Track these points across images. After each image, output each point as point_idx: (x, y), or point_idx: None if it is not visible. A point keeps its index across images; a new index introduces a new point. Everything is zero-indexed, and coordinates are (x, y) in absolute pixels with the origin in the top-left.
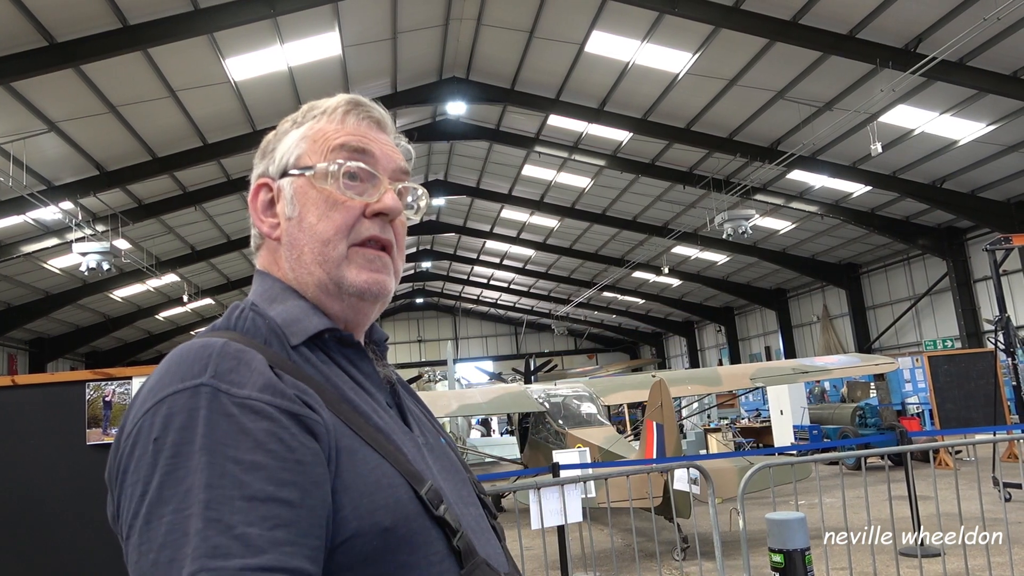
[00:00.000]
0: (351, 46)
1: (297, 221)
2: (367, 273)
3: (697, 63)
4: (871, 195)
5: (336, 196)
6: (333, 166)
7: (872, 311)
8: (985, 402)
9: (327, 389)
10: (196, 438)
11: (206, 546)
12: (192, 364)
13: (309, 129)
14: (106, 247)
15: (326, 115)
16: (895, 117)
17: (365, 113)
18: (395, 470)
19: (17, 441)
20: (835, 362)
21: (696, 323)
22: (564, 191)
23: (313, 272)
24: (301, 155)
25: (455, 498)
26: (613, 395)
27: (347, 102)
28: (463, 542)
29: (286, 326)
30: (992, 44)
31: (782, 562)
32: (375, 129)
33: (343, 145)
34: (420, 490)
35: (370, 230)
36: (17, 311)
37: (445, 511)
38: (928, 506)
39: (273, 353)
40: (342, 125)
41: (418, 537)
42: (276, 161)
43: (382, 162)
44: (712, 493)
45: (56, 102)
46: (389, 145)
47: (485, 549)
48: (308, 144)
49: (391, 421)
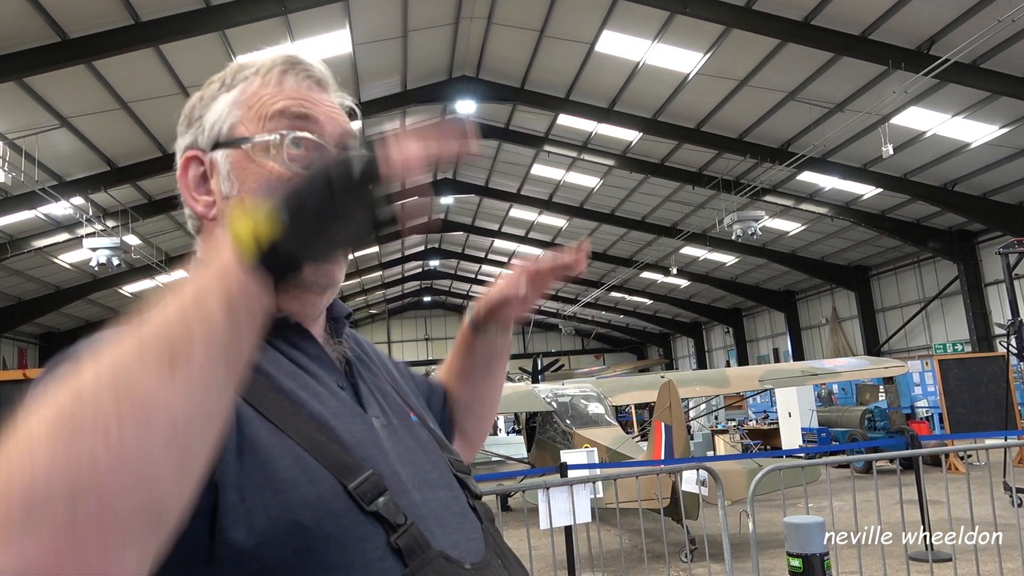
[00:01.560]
0: (361, 44)
1: (237, 200)
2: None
3: (708, 63)
4: (882, 197)
5: (278, 171)
6: (274, 136)
7: (882, 314)
8: (996, 406)
9: (255, 380)
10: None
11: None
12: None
13: (242, 93)
14: (116, 243)
15: (259, 75)
16: (907, 119)
17: (304, 72)
18: (319, 464)
19: None
20: (844, 365)
21: (704, 324)
22: (573, 191)
23: None
24: (235, 124)
25: (418, 482)
26: (620, 395)
27: (284, 60)
28: (407, 537)
29: None
30: (1006, 46)
31: (800, 567)
32: (316, 89)
33: (283, 111)
34: (350, 484)
35: None
36: (27, 306)
37: (384, 504)
38: (939, 510)
39: None
40: (280, 87)
41: (349, 534)
42: (206, 130)
43: (327, 127)
44: (721, 495)
45: (68, 98)
46: (333, 107)
47: (452, 538)
48: (242, 111)
49: (338, 404)
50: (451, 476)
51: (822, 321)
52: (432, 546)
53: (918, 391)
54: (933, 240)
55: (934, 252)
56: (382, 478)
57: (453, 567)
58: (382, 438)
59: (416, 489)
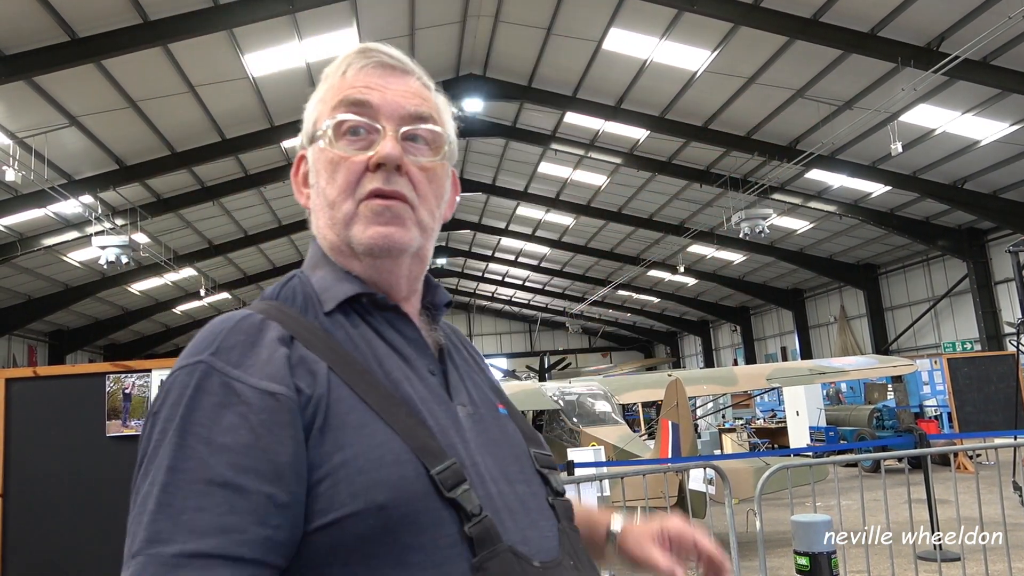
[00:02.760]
0: (369, 42)
1: (316, 188)
2: (373, 227)
3: (715, 61)
4: (890, 195)
5: (337, 155)
6: (327, 124)
7: (890, 312)
8: (1006, 405)
9: (352, 359)
10: (177, 417)
11: (152, 530)
12: (204, 339)
13: (322, 91)
14: (125, 241)
15: (335, 72)
16: (916, 116)
17: (370, 59)
18: (406, 446)
19: (37, 432)
20: (852, 363)
21: (711, 322)
22: (580, 189)
23: (327, 236)
24: (315, 120)
25: (497, 475)
26: (628, 394)
27: (352, 54)
28: (479, 528)
29: (321, 292)
30: (1016, 43)
31: (807, 565)
32: (382, 74)
33: (342, 100)
34: (432, 469)
35: (373, 183)
36: (37, 303)
37: (462, 493)
38: (947, 510)
39: (302, 322)
40: (344, 79)
41: (424, 518)
42: (304, 131)
43: (383, 109)
44: (728, 493)
45: (77, 97)
46: (399, 89)
47: (523, 533)
48: (320, 107)
49: (425, 390)
50: (532, 471)
51: (830, 320)
52: (503, 539)
53: (927, 390)
54: (942, 238)
55: (943, 250)
56: (462, 467)
57: (521, 563)
58: (465, 427)
59: (493, 481)
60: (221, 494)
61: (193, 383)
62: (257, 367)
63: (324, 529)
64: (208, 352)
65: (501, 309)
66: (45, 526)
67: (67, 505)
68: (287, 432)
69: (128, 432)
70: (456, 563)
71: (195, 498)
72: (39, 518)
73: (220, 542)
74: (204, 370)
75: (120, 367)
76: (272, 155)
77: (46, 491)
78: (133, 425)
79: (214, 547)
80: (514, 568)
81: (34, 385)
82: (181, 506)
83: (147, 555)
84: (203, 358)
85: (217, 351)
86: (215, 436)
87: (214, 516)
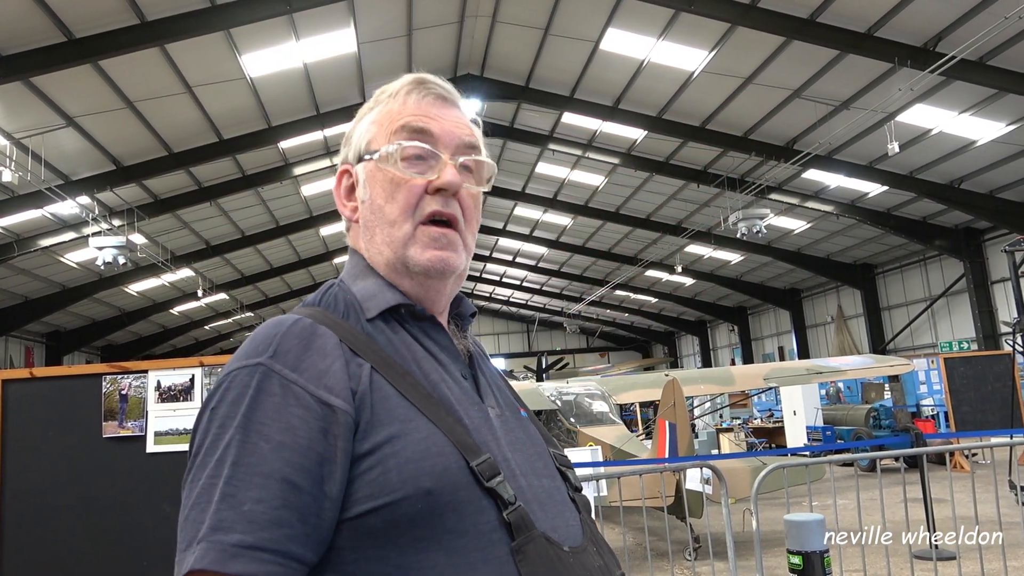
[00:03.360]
0: (366, 43)
1: (369, 204)
2: (431, 251)
3: (713, 61)
4: (887, 195)
5: (398, 177)
6: (393, 147)
7: (887, 312)
8: (1002, 405)
9: (393, 361)
10: (238, 414)
11: (216, 518)
12: (261, 342)
13: (378, 113)
14: (122, 242)
15: (392, 97)
16: (913, 116)
17: (427, 91)
18: (447, 440)
19: (34, 433)
20: (849, 363)
21: (709, 322)
22: (578, 189)
23: (383, 252)
24: (371, 140)
25: (526, 470)
26: (625, 394)
27: (410, 82)
28: (516, 515)
29: (363, 301)
30: (1013, 43)
31: (800, 564)
32: (439, 105)
33: (404, 126)
34: (472, 461)
35: (432, 205)
36: (34, 304)
37: (498, 484)
38: (943, 509)
39: (346, 327)
40: (404, 106)
41: (467, 506)
42: (352, 147)
43: (443, 139)
44: (725, 493)
45: (74, 97)
46: (453, 120)
47: (552, 522)
48: (376, 128)
49: (460, 392)
50: (554, 468)
51: (827, 319)
52: (536, 527)
53: (923, 389)
54: (939, 238)
55: (940, 250)
56: (497, 461)
57: (553, 548)
58: (496, 427)
59: (523, 475)
60: (278, 488)
61: (254, 383)
62: (314, 372)
63: (376, 512)
64: (267, 355)
65: (499, 309)
66: (42, 526)
67: (64, 505)
68: (339, 443)
69: (124, 433)
70: (497, 546)
71: (255, 490)
72: (36, 519)
73: (273, 535)
74: (264, 372)
75: (116, 368)
76: (270, 155)
77: (43, 492)
78: (129, 426)
79: (267, 540)
80: (548, 552)
81: (31, 386)
82: (243, 497)
83: (210, 542)
84: (262, 360)
85: (275, 354)
86: (275, 434)
87: (270, 509)
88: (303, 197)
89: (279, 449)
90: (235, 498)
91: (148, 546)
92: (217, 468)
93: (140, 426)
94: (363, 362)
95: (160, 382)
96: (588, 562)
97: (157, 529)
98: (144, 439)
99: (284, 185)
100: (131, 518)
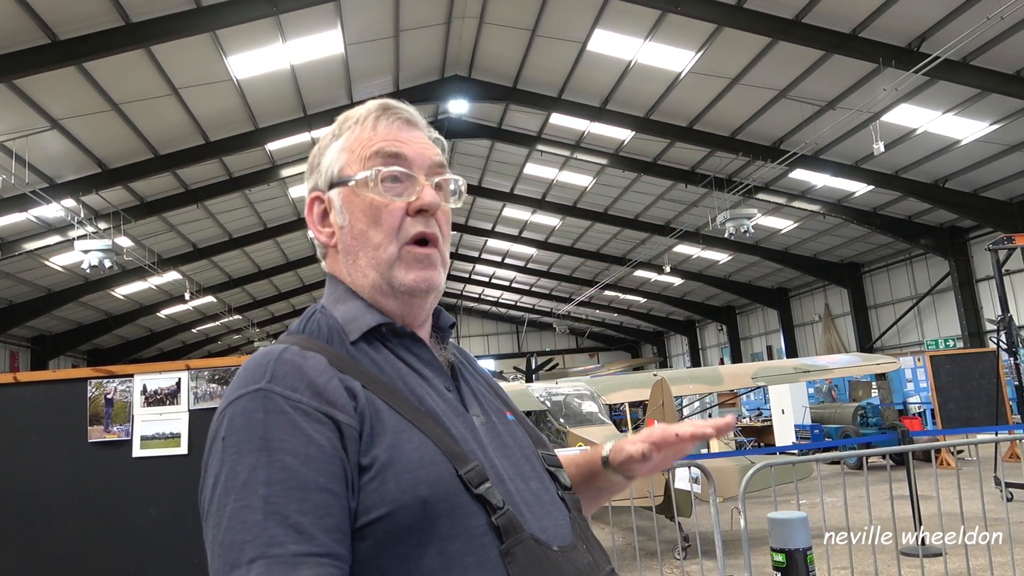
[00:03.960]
0: (353, 44)
1: (349, 229)
2: (415, 272)
3: (699, 62)
4: (873, 194)
5: (379, 201)
6: (371, 173)
7: (874, 310)
8: (987, 402)
9: (379, 379)
10: (256, 437)
11: (265, 536)
12: (255, 371)
13: (346, 140)
14: (108, 245)
15: (359, 124)
16: (898, 116)
17: (394, 116)
18: (438, 449)
19: (18, 438)
20: (837, 361)
21: (698, 322)
22: (566, 190)
23: (368, 275)
24: (343, 166)
25: (512, 474)
26: (614, 394)
27: (376, 107)
28: (504, 519)
29: (345, 324)
30: (995, 43)
31: (784, 562)
32: (406, 129)
33: (378, 152)
34: (461, 470)
35: (415, 227)
36: (19, 308)
37: (487, 490)
38: (930, 506)
39: (332, 351)
40: (375, 132)
41: (459, 512)
42: (323, 174)
43: (416, 161)
44: (713, 492)
45: (58, 99)
46: (422, 142)
47: (541, 523)
48: (347, 155)
49: (445, 404)
50: (542, 470)
51: (815, 318)
52: (524, 529)
53: (910, 387)
54: (925, 237)
55: (926, 249)
56: (484, 468)
57: (542, 548)
58: (481, 435)
59: (510, 479)
60: (318, 498)
61: (261, 407)
62: (314, 391)
63: (377, 522)
64: (265, 381)
65: (488, 310)
66: (27, 532)
67: (49, 511)
68: (350, 456)
69: (110, 438)
70: (489, 549)
71: (295, 503)
72: (21, 524)
73: (323, 540)
74: (266, 395)
75: (102, 372)
76: (256, 157)
77: (28, 497)
78: (115, 431)
79: (319, 546)
80: (537, 552)
81: (15, 391)
82: (286, 511)
83: (268, 558)
84: (262, 386)
85: (272, 379)
86: (299, 448)
87: (315, 518)
88: (291, 199)
89: (307, 461)
90: (279, 514)
91: (135, 551)
92: (244, 491)
93: (126, 430)
94: (354, 380)
95: (146, 386)
96: (577, 560)
97: (144, 534)
98: (130, 443)
99: (271, 187)
100: (117, 523)
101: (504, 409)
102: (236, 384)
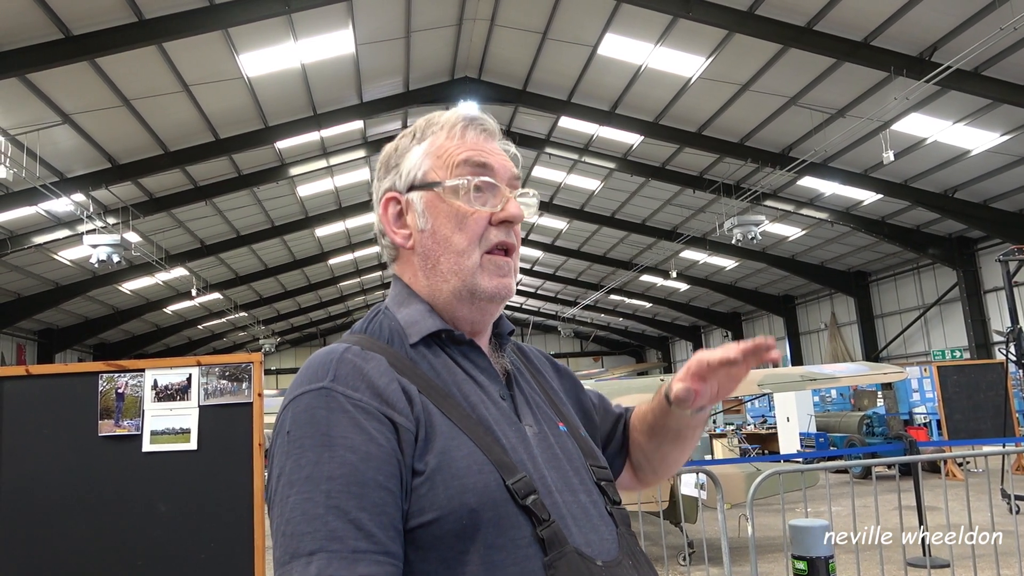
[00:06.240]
0: (364, 44)
1: (431, 233)
2: (497, 279)
3: (710, 67)
4: (882, 203)
5: (466, 209)
6: (461, 181)
7: (880, 319)
8: (994, 413)
9: (435, 384)
10: (317, 433)
11: (327, 529)
12: (318, 368)
13: (431, 145)
14: (116, 240)
15: (444, 130)
16: (908, 125)
17: (480, 127)
18: (487, 459)
19: (29, 431)
20: (843, 370)
21: (703, 328)
22: (573, 193)
23: (449, 280)
24: (428, 171)
25: (561, 486)
26: (619, 398)
27: (464, 118)
28: (549, 531)
29: (407, 327)
30: (1008, 54)
31: (805, 569)
32: (489, 140)
33: (467, 160)
34: (508, 480)
35: (498, 236)
36: (27, 301)
37: (533, 501)
38: (937, 517)
39: (392, 352)
40: (463, 140)
41: (505, 521)
42: (403, 176)
43: (500, 173)
44: (720, 498)
45: (70, 94)
46: (502, 155)
47: (586, 536)
48: (433, 160)
49: (498, 413)
50: (591, 483)
51: (821, 326)
52: (569, 542)
53: (916, 397)
54: (933, 246)
55: (934, 258)
56: (532, 480)
57: (585, 562)
58: (533, 445)
59: (559, 492)
60: (377, 495)
61: (324, 405)
62: (375, 392)
63: (425, 527)
64: (328, 379)
65: None
66: (37, 525)
67: (59, 504)
68: (405, 458)
69: (120, 432)
70: (532, 561)
71: (355, 499)
72: (31, 517)
73: (381, 537)
74: (328, 394)
75: (114, 367)
76: (266, 155)
77: (38, 490)
78: (125, 425)
79: (378, 542)
80: (580, 566)
81: (27, 384)
82: (346, 507)
83: (329, 552)
84: (324, 384)
85: (335, 379)
86: (360, 445)
87: (373, 515)
88: (299, 198)
89: (367, 459)
90: (339, 509)
91: (143, 545)
92: (307, 485)
93: (136, 425)
94: (410, 384)
95: (157, 381)
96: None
97: (152, 528)
98: (140, 438)
99: (280, 185)
100: (126, 517)
101: (556, 419)
102: (299, 381)
